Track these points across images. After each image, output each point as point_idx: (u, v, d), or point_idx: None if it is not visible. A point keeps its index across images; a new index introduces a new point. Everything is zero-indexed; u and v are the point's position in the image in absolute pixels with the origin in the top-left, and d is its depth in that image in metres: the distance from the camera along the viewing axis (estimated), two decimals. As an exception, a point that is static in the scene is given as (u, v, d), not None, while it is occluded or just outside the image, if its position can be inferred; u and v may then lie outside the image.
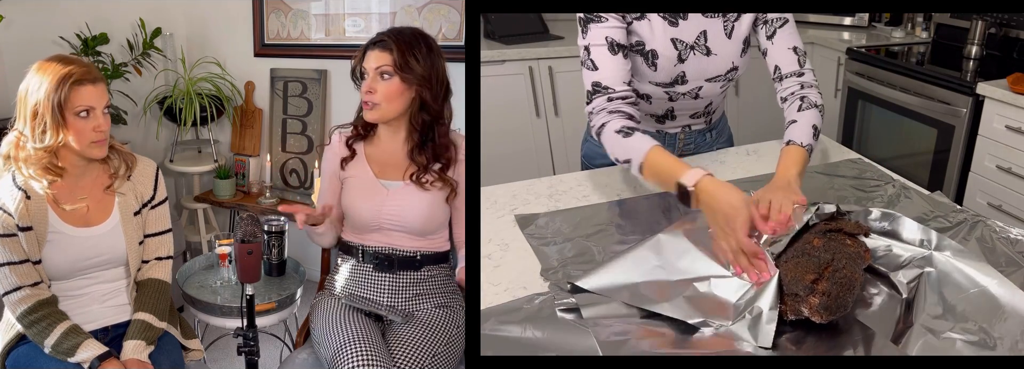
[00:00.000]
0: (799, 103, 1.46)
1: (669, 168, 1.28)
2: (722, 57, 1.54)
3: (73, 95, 1.38)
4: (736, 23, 1.53)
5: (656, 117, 1.68)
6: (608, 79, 1.43)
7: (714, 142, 1.80)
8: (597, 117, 1.43)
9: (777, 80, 1.53)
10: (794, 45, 1.51)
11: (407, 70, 1.53)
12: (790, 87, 1.50)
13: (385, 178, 1.63)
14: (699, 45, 1.51)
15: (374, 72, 1.53)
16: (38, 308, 1.45)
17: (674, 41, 1.50)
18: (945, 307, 1.07)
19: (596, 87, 1.45)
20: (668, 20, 1.48)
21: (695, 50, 1.51)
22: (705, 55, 1.53)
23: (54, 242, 1.47)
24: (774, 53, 1.52)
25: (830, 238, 1.13)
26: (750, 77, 1.84)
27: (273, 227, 1.61)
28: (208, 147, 2.90)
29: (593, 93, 1.45)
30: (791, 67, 1.51)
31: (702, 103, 1.66)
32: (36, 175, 1.43)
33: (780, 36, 1.51)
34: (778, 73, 1.52)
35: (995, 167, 2.50)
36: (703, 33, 1.51)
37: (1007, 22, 2.89)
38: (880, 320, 1.07)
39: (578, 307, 1.10)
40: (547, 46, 3.06)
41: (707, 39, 1.52)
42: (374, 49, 1.54)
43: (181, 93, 2.68)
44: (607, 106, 1.42)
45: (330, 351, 1.49)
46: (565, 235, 1.34)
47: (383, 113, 1.56)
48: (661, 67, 1.51)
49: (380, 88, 1.53)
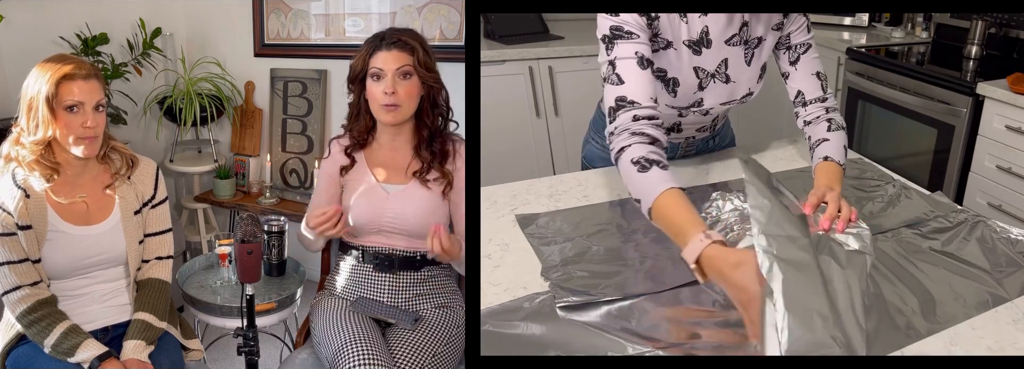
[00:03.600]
0: (827, 124, 1.48)
1: (677, 224, 1.14)
2: (740, 84, 1.52)
3: (61, 89, 1.39)
4: (757, 50, 1.50)
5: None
6: (634, 94, 1.32)
7: (717, 146, 1.80)
8: (618, 139, 1.31)
9: (801, 105, 1.54)
10: (817, 70, 1.52)
11: (428, 69, 1.54)
12: (815, 112, 1.52)
13: (386, 182, 1.63)
14: (720, 73, 1.48)
15: (394, 73, 1.53)
16: (38, 308, 1.45)
17: (697, 70, 1.47)
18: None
19: (621, 102, 1.33)
20: (692, 49, 1.44)
21: (715, 78, 1.49)
22: (724, 82, 1.50)
23: (54, 241, 1.47)
24: (797, 78, 1.53)
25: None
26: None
27: (273, 227, 1.61)
28: (208, 147, 2.90)
29: (617, 109, 1.32)
30: (815, 93, 1.52)
31: (710, 119, 1.64)
32: (30, 168, 1.44)
33: (804, 62, 1.52)
34: (801, 98, 1.53)
35: (995, 167, 2.50)
36: (724, 61, 1.48)
37: (1007, 22, 2.89)
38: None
39: (578, 305, 1.10)
40: (547, 46, 3.06)
41: (727, 67, 1.48)
42: (391, 49, 1.53)
43: (181, 93, 2.68)
44: (631, 127, 1.30)
45: (331, 350, 1.49)
46: (566, 235, 1.34)
47: (404, 113, 1.57)
48: (681, 94, 1.49)
49: (402, 89, 1.53)
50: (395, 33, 1.55)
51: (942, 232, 1.35)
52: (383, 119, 1.58)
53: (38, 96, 1.40)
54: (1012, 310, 1.09)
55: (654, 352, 1.00)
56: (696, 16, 1.41)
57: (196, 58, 2.79)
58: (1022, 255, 1.25)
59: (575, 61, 3.04)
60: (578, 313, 1.09)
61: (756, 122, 3.49)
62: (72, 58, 1.46)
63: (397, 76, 1.53)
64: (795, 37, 1.50)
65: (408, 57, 1.53)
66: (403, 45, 1.53)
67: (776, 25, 1.49)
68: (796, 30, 1.49)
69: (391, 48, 1.53)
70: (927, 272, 1.21)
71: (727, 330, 1.06)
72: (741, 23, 1.45)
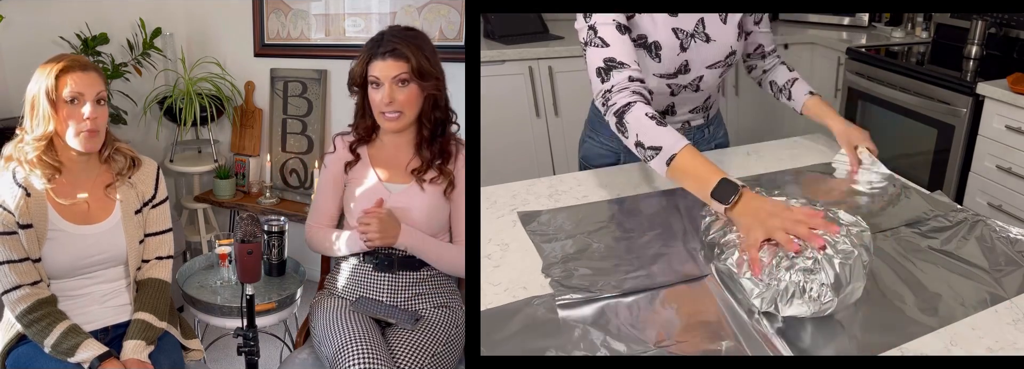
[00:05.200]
0: (785, 67, 1.75)
1: (702, 173, 1.21)
2: (721, 42, 1.57)
3: (60, 82, 1.40)
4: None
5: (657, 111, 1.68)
6: (622, 55, 1.36)
7: (712, 137, 1.81)
8: (619, 95, 1.33)
9: (760, 57, 1.76)
10: (769, 29, 1.75)
11: (425, 76, 1.53)
12: (772, 61, 1.77)
13: (389, 181, 1.63)
14: (698, 32, 1.53)
15: (391, 81, 1.53)
16: (38, 307, 1.45)
17: (675, 31, 1.50)
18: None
19: (610, 63, 1.35)
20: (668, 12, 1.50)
21: (695, 38, 1.53)
22: (705, 42, 1.54)
23: (54, 240, 1.48)
24: (759, 35, 1.72)
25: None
26: (750, 78, 1.85)
27: (273, 227, 1.61)
28: (208, 147, 2.90)
29: (608, 70, 1.35)
30: (771, 46, 1.75)
31: (702, 96, 1.67)
32: (32, 166, 1.44)
33: (765, 22, 1.71)
34: (761, 50, 1.75)
35: (995, 167, 2.50)
36: (701, 20, 1.53)
37: (1007, 22, 2.89)
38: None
39: (578, 302, 1.10)
40: (547, 46, 3.06)
41: (705, 26, 1.53)
42: (386, 58, 1.52)
43: (181, 93, 2.68)
44: (630, 85, 1.33)
45: (331, 350, 1.49)
46: (567, 232, 1.34)
47: (406, 120, 1.57)
48: (665, 57, 1.51)
49: (400, 96, 1.54)
50: (392, 40, 1.54)
51: (941, 231, 1.35)
52: (387, 127, 1.59)
53: (39, 92, 1.41)
54: (1012, 310, 1.09)
55: (654, 351, 1.00)
56: None
57: (196, 58, 2.79)
58: (1021, 254, 1.25)
59: (575, 61, 3.04)
60: (577, 310, 1.09)
61: (756, 122, 3.49)
62: (70, 54, 1.48)
63: (395, 84, 1.53)
64: None
65: (404, 65, 1.52)
66: (399, 54, 1.52)
67: None
68: None
69: (387, 57, 1.52)
70: (926, 271, 1.21)
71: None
72: None
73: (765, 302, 1.04)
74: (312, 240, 1.71)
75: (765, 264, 1.04)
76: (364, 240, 1.56)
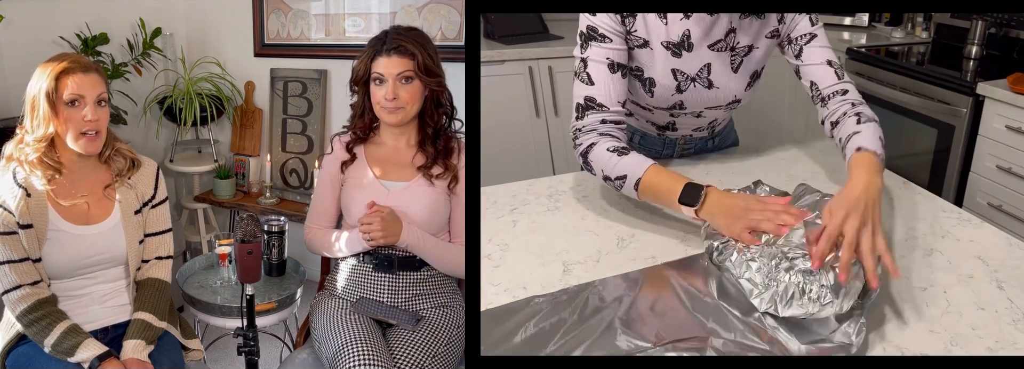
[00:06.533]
0: (856, 118, 1.36)
1: (669, 187, 1.25)
2: (723, 90, 1.48)
3: (61, 84, 1.40)
4: (746, 58, 1.46)
5: (657, 126, 1.65)
6: (603, 96, 1.36)
7: (716, 148, 1.78)
8: (586, 136, 1.36)
9: (820, 101, 1.44)
10: (827, 59, 1.42)
11: (430, 73, 1.54)
12: (840, 108, 1.40)
13: (386, 179, 1.64)
14: (701, 77, 1.45)
15: (395, 78, 1.54)
16: (38, 307, 1.45)
17: (675, 71, 1.44)
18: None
19: (590, 102, 1.36)
20: (671, 50, 1.42)
21: (696, 82, 1.46)
22: (706, 88, 1.47)
23: (54, 240, 1.48)
24: (807, 71, 1.44)
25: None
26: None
27: (273, 227, 1.61)
28: (208, 147, 2.90)
29: (586, 109, 1.37)
30: (829, 81, 1.42)
31: (705, 120, 1.63)
32: (33, 167, 1.44)
33: (808, 52, 1.42)
34: (816, 91, 1.43)
35: (995, 167, 2.50)
36: (707, 66, 1.44)
37: (1007, 22, 2.89)
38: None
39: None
40: (547, 46, 3.06)
41: (710, 72, 1.45)
42: (391, 55, 1.53)
43: (181, 93, 2.68)
44: (599, 128, 1.36)
45: (331, 350, 1.49)
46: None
47: (407, 115, 1.58)
48: (658, 95, 1.47)
49: (403, 93, 1.55)
50: (397, 37, 1.55)
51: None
52: (387, 120, 1.59)
53: (39, 93, 1.41)
54: (1012, 310, 1.09)
55: (653, 350, 1.00)
56: (677, 18, 1.39)
57: (196, 58, 2.79)
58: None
59: (575, 61, 3.03)
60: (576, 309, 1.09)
61: (756, 122, 3.49)
62: (71, 55, 1.47)
63: (399, 81, 1.54)
64: (796, 32, 1.44)
65: (409, 62, 1.54)
66: (404, 51, 1.53)
67: (771, 33, 1.45)
68: (796, 27, 1.44)
69: (391, 53, 1.53)
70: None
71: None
72: (727, 29, 1.42)
73: (764, 302, 1.04)
74: (311, 241, 1.71)
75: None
76: (367, 239, 1.57)
